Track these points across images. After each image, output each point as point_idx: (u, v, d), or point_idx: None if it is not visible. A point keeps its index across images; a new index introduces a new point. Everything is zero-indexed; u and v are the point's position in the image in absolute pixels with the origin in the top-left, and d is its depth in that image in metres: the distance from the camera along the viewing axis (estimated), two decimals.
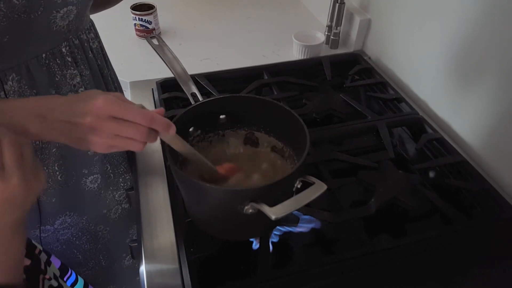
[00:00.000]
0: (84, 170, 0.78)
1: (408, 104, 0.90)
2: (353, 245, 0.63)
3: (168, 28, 1.31)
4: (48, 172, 0.73)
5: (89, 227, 0.86)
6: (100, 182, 0.82)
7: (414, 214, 0.71)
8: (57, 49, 0.66)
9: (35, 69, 0.63)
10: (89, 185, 0.80)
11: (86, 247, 0.89)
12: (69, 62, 0.68)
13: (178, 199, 0.69)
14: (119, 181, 0.87)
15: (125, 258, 1.00)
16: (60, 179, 0.75)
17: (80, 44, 0.71)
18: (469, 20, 0.76)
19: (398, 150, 0.84)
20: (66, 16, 0.64)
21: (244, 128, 0.69)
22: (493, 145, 0.76)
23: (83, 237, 0.87)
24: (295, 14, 1.42)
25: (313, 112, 0.88)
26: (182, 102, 0.91)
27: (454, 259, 0.64)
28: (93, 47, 0.75)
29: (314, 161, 0.74)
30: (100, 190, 0.83)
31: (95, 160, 0.78)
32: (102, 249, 0.92)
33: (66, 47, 0.67)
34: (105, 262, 0.95)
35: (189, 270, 0.59)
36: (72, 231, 0.84)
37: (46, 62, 0.65)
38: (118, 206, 0.90)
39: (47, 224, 0.79)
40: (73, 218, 0.82)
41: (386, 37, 1.05)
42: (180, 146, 0.55)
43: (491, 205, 0.69)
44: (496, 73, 0.73)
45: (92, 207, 0.84)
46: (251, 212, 0.51)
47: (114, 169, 0.84)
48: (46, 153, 0.71)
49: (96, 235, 0.89)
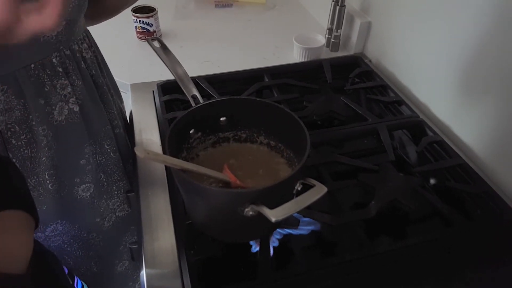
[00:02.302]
0: (76, 179, 0.77)
1: (408, 107, 0.90)
2: (354, 247, 0.63)
3: (168, 31, 1.32)
4: (38, 180, 0.72)
5: (81, 235, 0.85)
6: (93, 191, 0.81)
7: (415, 217, 0.71)
8: (47, 60, 0.65)
9: (23, 80, 0.63)
10: (81, 194, 0.79)
11: (77, 253, 0.88)
12: (60, 72, 0.67)
13: (178, 201, 0.69)
14: (113, 189, 0.86)
15: (117, 265, 0.99)
16: (51, 188, 0.74)
17: (72, 55, 0.70)
18: (470, 23, 0.77)
19: (398, 152, 0.84)
20: (55, 27, 0.63)
21: (245, 130, 0.69)
22: (494, 147, 0.76)
23: (74, 244, 0.86)
24: (295, 17, 1.42)
25: (314, 114, 0.88)
26: (183, 104, 0.91)
27: (454, 261, 0.64)
28: (87, 57, 0.74)
29: (315, 163, 0.74)
30: (93, 198, 0.82)
31: (88, 169, 0.78)
32: (94, 256, 0.91)
33: (56, 58, 0.66)
34: (96, 268, 0.94)
35: (189, 272, 0.58)
36: (63, 238, 0.83)
37: (35, 73, 0.64)
38: (112, 214, 0.89)
39: (38, 231, 0.78)
40: (64, 226, 0.81)
41: (387, 40, 1.05)
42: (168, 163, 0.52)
43: (491, 208, 0.68)
44: (496, 76, 0.73)
45: (84, 216, 0.83)
46: (251, 214, 0.51)
47: (108, 178, 0.83)
48: (36, 162, 0.70)
49: (88, 242, 0.88)
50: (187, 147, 0.65)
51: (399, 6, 0.98)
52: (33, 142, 0.69)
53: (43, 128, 0.68)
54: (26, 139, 0.68)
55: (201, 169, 0.56)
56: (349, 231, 0.65)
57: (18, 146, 0.67)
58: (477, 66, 0.77)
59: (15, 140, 0.67)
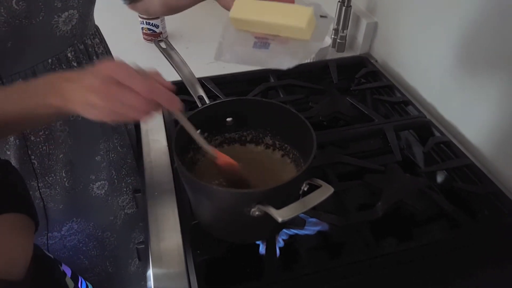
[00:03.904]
0: (92, 176, 0.78)
1: (415, 107, 0.90)
2: (360, 248, 0.63)
3: (175, 32, 1.32)
4: (55, 178, 0.73)
5: (96, 234, 0.86)
6: (107, 189, 0.82)
7: (421, 218, 0.70)
8: (62, 54, 0.67)
9: (41, 75, 0.64)
10: (96, 191, 0.80)
11: (93, 253, 0.89)
12: (75, 67, 0.69)
13: (185, 201, 0.69)
14: (122, 186, 0.87)
15: (130, 264, 1.00)
16: (68, 185, 0.75)
17: (85, 49, 0.71)
18: (477, 22, 0.76)
19: (405, 153, 0.84)
20: (69, 21, 0.64)
21: (251, 130, 0.69)
22: (501, 148, 0.76)
23: (90, 243, 0.87)
24: None
25: (320, 115, 0.88)
26: (189, 105, 0.91)
27: (461, 262, 0.63)
28: (99, 52, 0.76)
29: (321, 164, 0.74)
30: (107, 196, 0.83)
31: (103, 166, 0.79)
32: (109, 255, 0.92)
33: (71, 52, 0.68)
34: (111, 268, 0.95)
35: (196, 273, 0.59)
36: (79, 237, 0.84)
37: (52, 68, 0.66)
38: (121, 211, 0.90)
39: (54, 230, 0.79)
40: (80, 224, 0.82)
41: (393, 40, 1.05)
42: (188, 127, 0.54)
43: (499, 209, 0.68)
44: (504, 75, 0.73)
45: (98, 214, 0.84)
46: (258, 214, 0.51)
47: (118, 174, 0.84)
48: (53, 159, 0.71)
49: (103, 241, 0.89)
50: (194, 147, 0.66)
51: (405, 7, 0.97)
52: (51, 139, 0.70)
53: (60, 123, 0.69)
54: (44, 135, 0.69)
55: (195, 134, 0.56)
56: (356, 232, 0.65)
57: (37, 142, 0.69)
58: (484, 66, 0.77)
59: (33, 137, 0.68)
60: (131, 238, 0.97)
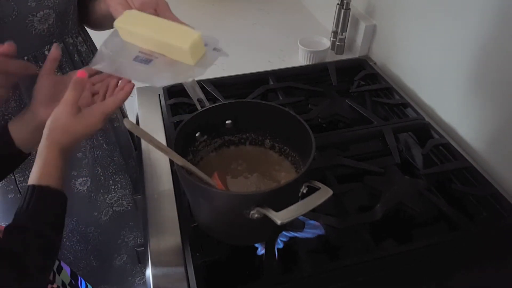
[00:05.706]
0: (73, 172, 0.78)
1: (414, 109, 0.90)
2: (359, 250, 0.63)
3: None
4: None
5: (79, 229, 0.87)
6: (90, 185, 0.82)
7: (420, 220, 0.71)
8: (39, 52, 0.67)
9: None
10: (78, 187, 0.80)
11: (76, 247, 0.89)
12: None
13: (184, 204, 0.69)
14: (109, 183, 0.87)
15: (116, 259, 1.00)
16: None
17: (65, 48, 0.71)
18: (475, 25, 0.77)
19: (404, 155, 0.84)
20: (45, 20, 0.64)
21: (250, 133, 0.69)
22: (500, 150, 0.76)
23: (73, 238, 0.87)
24: (300, 20, 1.42)
25: (319, 117, 0.88)
26: (188, 108, 0.92)
27: (460, 264, 0.63)
28: (82, 50, 0.75)
29: (320, 166, 0.74)
30: (91, 193, 0.83)
31: (84, 163, 0.79)
32: (93, 250, 0.93)
33: (48, 50, 0.67)
34: (96, 262, 0.95)
35: (195, 275, 0.59)
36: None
37: None
38: (109, 208, 0.90)
39: None
40: None
41: (392, 42, 1.05)
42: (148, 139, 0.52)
43: (497, 211, 0.68)
44: (502, 78, 0.73)
45: (82, 209, 0.84)
46: (257, 217, 0.51)
47: (104, 171, 0.84)
48: (33, 153, 0.71)
49: (86, 236, 0.89)
50: (193, 150, 0.66)
51: (404, 9, 0.98)
52: None
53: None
54: None
55: (189, 165, 0.55)
56: (355, 234, 0.65)
57: None
58: (483, 68, 0.77)
59: None
60: (120, 235, 0.97)
